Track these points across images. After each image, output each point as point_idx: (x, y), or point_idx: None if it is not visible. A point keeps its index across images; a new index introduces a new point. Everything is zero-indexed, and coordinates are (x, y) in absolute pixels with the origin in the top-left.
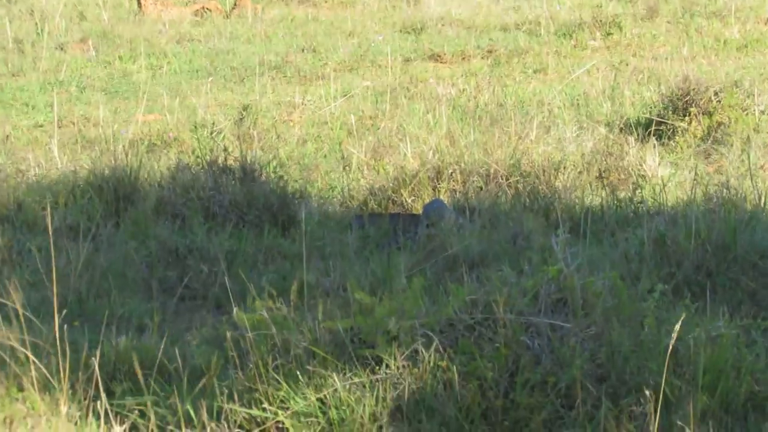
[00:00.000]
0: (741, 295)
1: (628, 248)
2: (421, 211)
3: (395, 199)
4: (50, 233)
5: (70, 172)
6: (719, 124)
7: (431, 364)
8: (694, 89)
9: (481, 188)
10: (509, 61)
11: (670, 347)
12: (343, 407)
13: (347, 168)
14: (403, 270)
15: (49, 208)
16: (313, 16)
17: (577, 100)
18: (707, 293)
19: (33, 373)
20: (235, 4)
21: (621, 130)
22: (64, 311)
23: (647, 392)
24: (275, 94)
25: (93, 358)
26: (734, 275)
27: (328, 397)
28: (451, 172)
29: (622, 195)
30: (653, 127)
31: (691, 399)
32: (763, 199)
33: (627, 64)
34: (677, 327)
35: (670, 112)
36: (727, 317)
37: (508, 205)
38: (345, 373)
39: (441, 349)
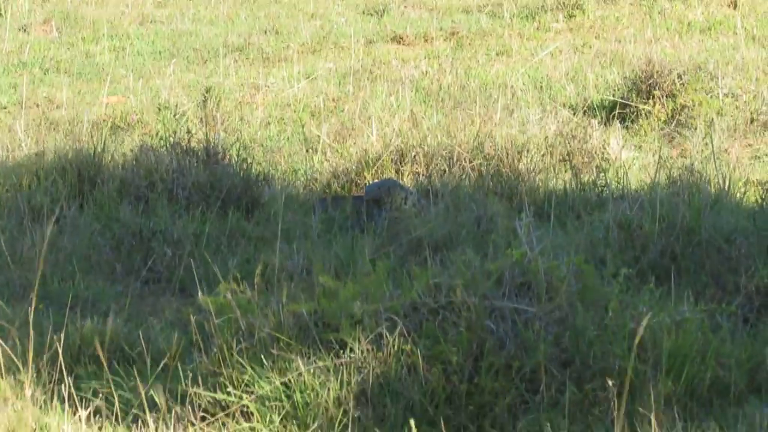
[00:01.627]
0: (706, 279)
1: (593, 232)
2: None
3: (358, 181)
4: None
5: (33, 154)
6: (683, 107)
7: (395, 348)
8: (657, 72)
9: (445, 171)
10: (472, 43)
11: (638, 336)
12: (308, 391)
13: (310, 150)
14: (367, 253)
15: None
16: None
17: (541, 82)
18: (672, 277)
19: None
20: None
21: (584, 112)
22: (32, 295)
23: (611, 377)
24: (238, 76)
25: (57, 342)
26: (699, 259)
27: (292, 381)
28: (414, 155)
29: (586, 178)
30: (617, 110)
31: (655, 384)
32: (727, 182)
33: (590, 47)
34: (645, 319)
35: (634, 95)
36: (691, 301)
37: (471, 188)
38: (309, 357)
39: (405, 333)
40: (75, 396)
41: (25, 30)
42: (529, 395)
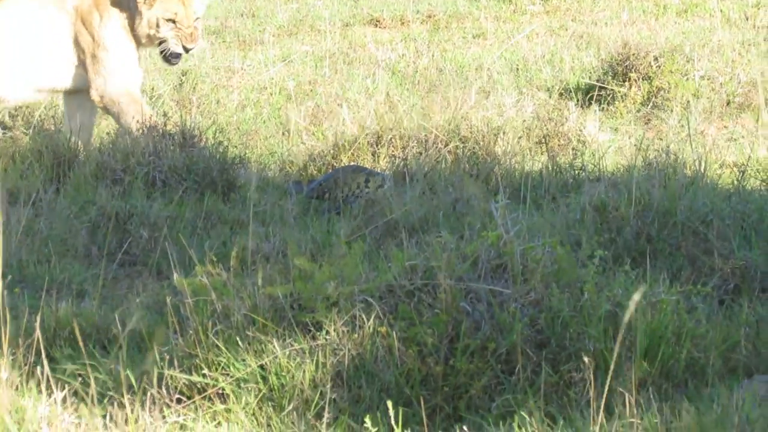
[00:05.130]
0: (681, 260)
1: (569, 214)
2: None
3: (335, 164)
4: None
5: (8, 137)
6: (659, 89)
7: (371, 329)
8: (633, 54)
9: (421, 154)
10: (448, 26)
11: (627, 319)
12: (284, 373)
13: (286, 133)
14: (342, 235)
15: None
16: None
17: (517, 65)
18: (647, 259)
19: None
20: None
21: (561, 95)
22: (9, 277)
23: (587, 358)
24: (214, 59)
25: (34, 324)
26: (674, 241)
27: (268, 363)
28: (390, 138)
29: (562, 161)
30: (594, 93)
31: (631, 365)
32: (703, 164)
33: (566, 29)
34: (633, 301)
35: (610, 78)
36: (667, 283)
37: (447, 170)
38: (285, 339)
39: (381, 315)
40: (51, 378)
41: None
42: (505, 377)
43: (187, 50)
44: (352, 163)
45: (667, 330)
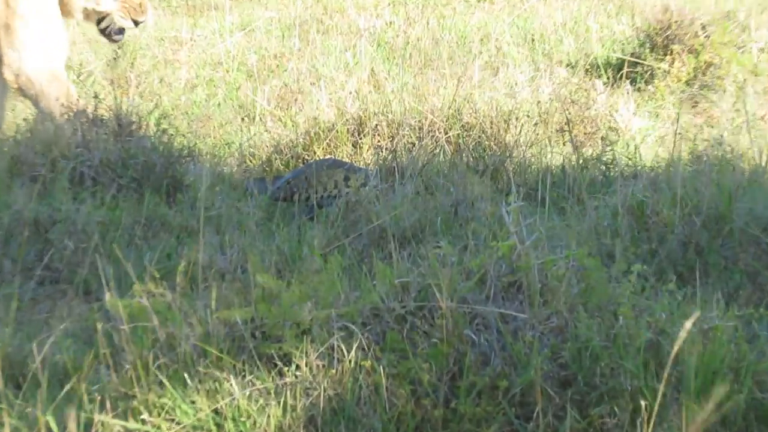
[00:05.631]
0: (739, 277)
1: (598, 219)
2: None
3: (307, 157)
4: None
5: None
6: (708, 64)
7: (352, 364)
8: (676, 22)
9: (414, 144)
10: None
11: (675, 351)
12: (243, 419)
13: (247, 119)
14: (317, 246)
15: None
16: None
17: (532, 35)
18: (697, 275)
19: None
20: None
21: (587, 72)
22: None
23: (623, 400)
24: (158, 28)
25: None
26: (730, 253)
27: (223, 406)
28: (376, 125)
29: (589, 153)
30: (626, 69)
31: (678, 408)
32: (763, 157)
33: None
34: (685, 329)
35: (647, 51)
36: (722, 305)
37: (447, 165)
38: (245, 376)
39: (365, 345)
40: None
41: None
42: (520, 422)
43: (136, 24)
44: (328, 157)
45: (723, 364)
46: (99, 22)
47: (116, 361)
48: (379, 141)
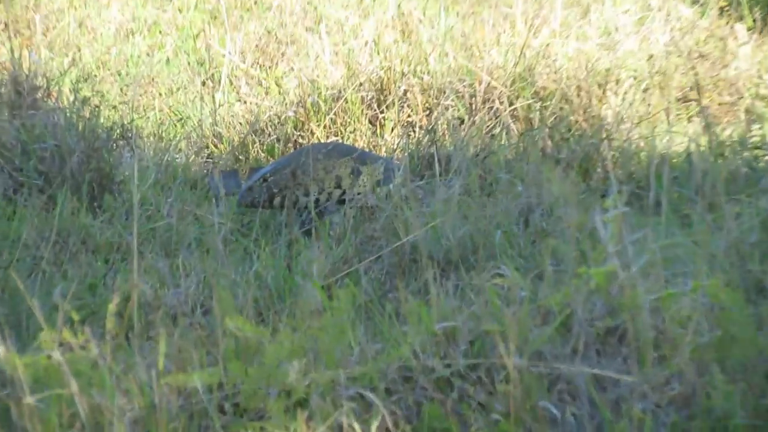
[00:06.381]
0: None
1: (742, 234)
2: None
3: (300, 138)
4: None
5: None
6: None
7: None
8: None
9: (462, 121)
10: None
11: None
12: None
13: (210, 83)
14: (316, 275)
15: None
16: None
17: None
18: None
19: None
20: None
21: (722, 11)
22: None
23: None
24: None
25: None
26: None
27: None
28: (405, 91)
29: (727, 133)
30: None
31: None
32: None
33: None
34: None
35: None
36: None
37: (512, 152)
38: None
39: (389, 424)
40: None
41: None
42: None
43: None
44: (330, 139)
45: None
46: None
47: None
48: (409, 116)
